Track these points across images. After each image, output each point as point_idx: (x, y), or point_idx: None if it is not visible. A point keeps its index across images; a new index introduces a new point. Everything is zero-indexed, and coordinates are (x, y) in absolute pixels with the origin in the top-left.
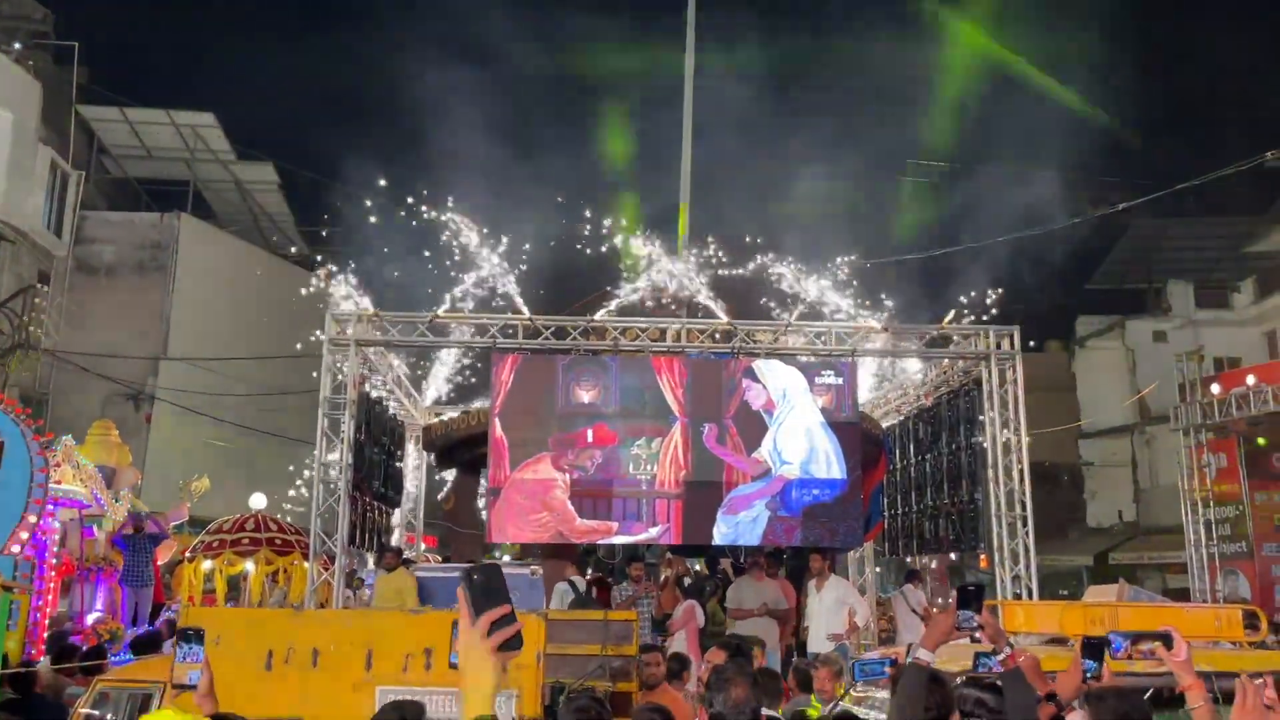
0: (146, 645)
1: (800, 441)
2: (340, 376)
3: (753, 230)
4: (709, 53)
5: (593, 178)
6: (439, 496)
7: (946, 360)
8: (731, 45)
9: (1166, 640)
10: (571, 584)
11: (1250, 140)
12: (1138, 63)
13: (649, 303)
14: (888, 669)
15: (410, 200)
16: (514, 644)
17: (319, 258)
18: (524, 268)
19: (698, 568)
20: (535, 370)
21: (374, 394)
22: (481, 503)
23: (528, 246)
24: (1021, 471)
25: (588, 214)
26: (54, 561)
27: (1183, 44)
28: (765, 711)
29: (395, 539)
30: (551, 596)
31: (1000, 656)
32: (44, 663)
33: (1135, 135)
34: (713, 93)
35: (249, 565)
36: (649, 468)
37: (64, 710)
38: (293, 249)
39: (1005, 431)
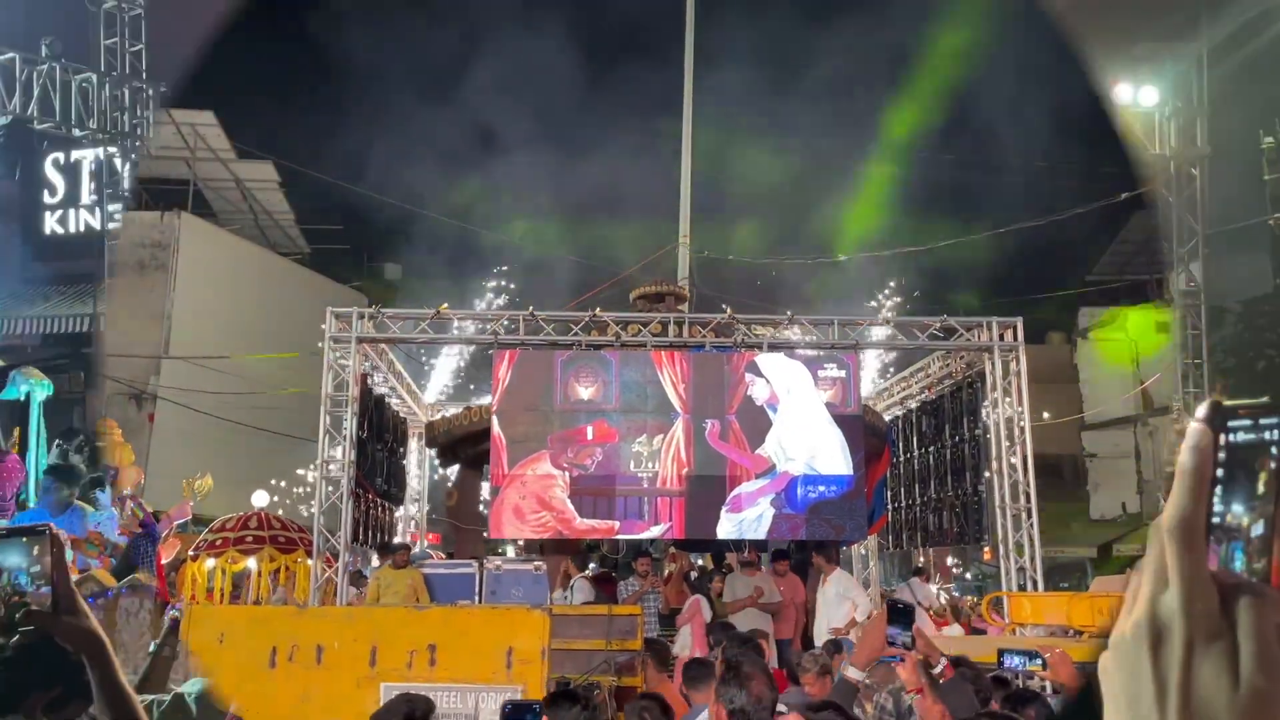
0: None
1: (805, 437)
2: (342, 373)
3: (752, 226)
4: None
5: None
6: (445, 492)
7: (949, 352)
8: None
9: None
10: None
11: None
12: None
13: (640, 299)
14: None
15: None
16: None
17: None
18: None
19: (701, 562)
20: (533, 366)
21: (377, 391)
22: (484, 499)
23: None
24: (1025, 463)
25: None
26: None
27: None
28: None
29: (399, 536)
30: (573, 593)
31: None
32: None
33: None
34: (712, 90)
35: (252, 563)
36: (650, 465)
37: None
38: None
39: (1009, 424)
